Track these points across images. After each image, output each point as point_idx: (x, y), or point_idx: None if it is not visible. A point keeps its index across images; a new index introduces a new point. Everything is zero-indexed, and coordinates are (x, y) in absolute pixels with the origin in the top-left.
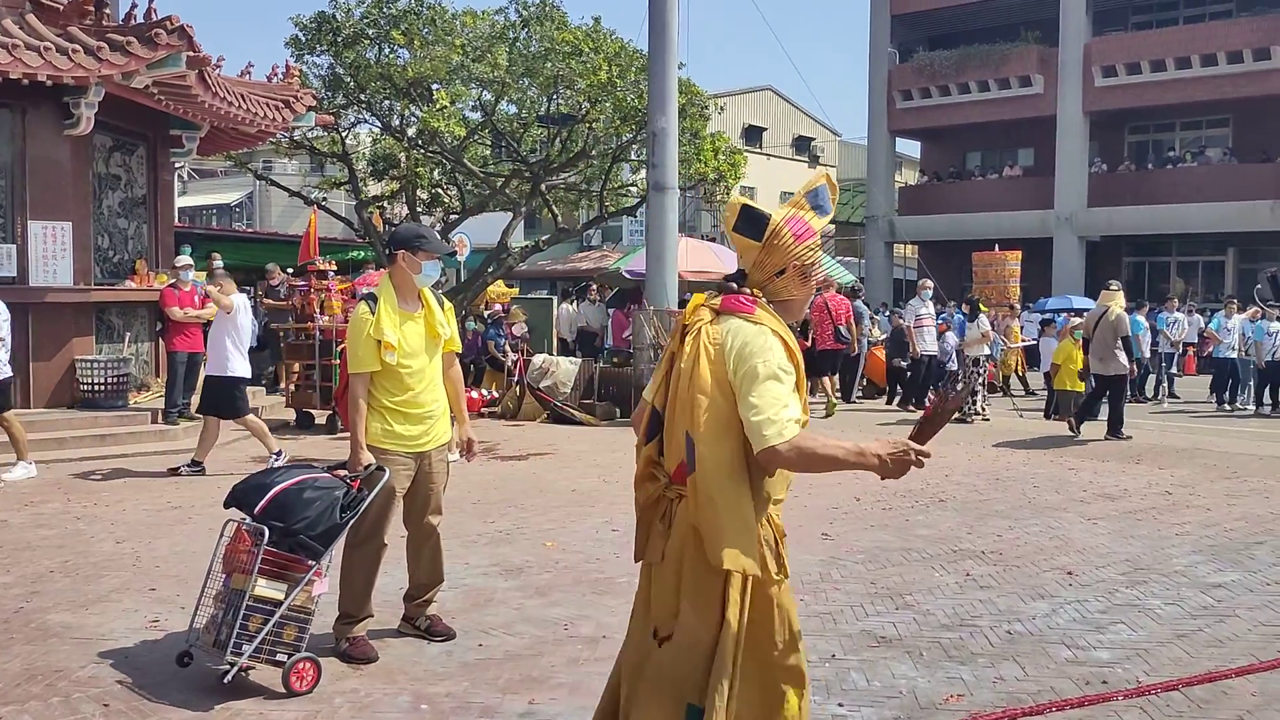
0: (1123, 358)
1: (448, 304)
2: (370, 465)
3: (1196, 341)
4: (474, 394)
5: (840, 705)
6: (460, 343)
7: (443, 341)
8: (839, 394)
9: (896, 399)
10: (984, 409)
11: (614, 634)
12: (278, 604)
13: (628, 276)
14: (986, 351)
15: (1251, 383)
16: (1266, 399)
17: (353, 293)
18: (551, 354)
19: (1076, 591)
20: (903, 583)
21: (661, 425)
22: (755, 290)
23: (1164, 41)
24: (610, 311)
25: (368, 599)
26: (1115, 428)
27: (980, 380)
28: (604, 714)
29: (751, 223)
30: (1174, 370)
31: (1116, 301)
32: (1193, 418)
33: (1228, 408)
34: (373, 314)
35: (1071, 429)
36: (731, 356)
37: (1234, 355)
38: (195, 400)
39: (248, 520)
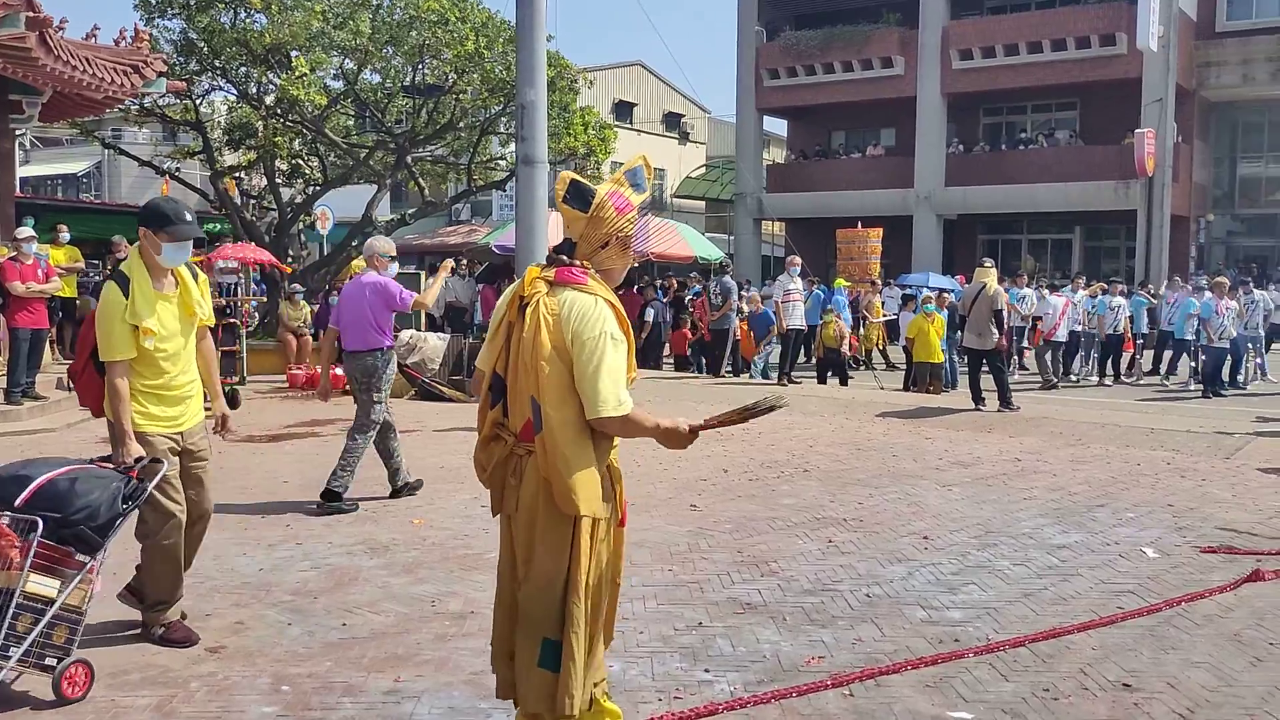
0: (997, 331)
1: (202, 276)
2: (143, 457)
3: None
4: (339, 370)
5: (706, 671)
6: (214, 318)
7: (197, 319)
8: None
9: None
10: None
11: (482, 609)
12: (50, 602)
13: (497, 252)
14: None
15: (1094, 354)
16: (1109, 370)
17: (208, 266)
18: (419, 329)
19: (931, 555)
20: (768, 551)
21: (504, 390)
22: (584, 262)
23: (1017, 26)
24: (480, 287)
25: (179, 583)
26: (1005, 399)
27: None
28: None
29: (579, 196)
30: (1024, 344)
31: (991, 277)
32: (1040, 389)
33: (1073, 378)
34: (126, 297)
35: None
36: (570, 325)
37: (1079, 328)
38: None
39: (5, 514)
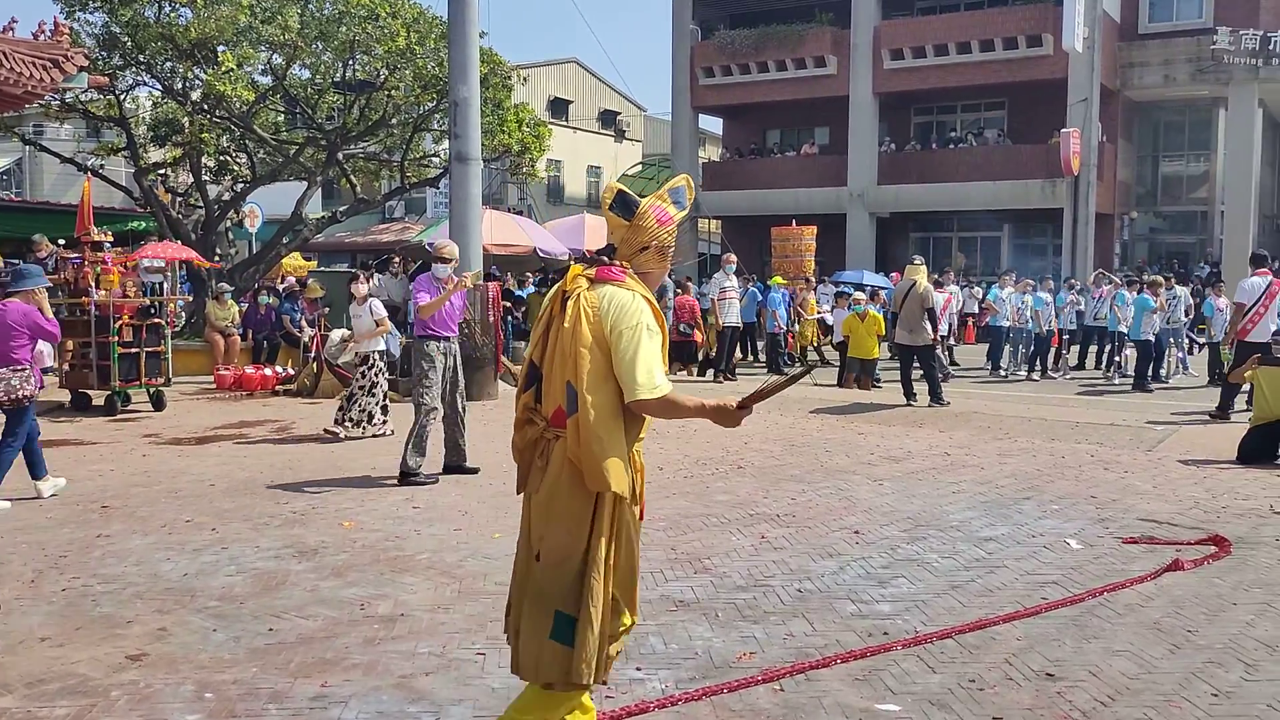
0: (929, 328)
1: None
2: None
3: (976, 312)
4: (268, 371)
5: (638, 669)
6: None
7: None
8: None
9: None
10: (384, 419)
11: (412, 612)
12: None
13: (430, 250)
14: (382, 346)
15: (1021, 349)
16: (1036, 365)
17: (132, 265)
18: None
19: (862, 549)
20: (702, 547)
21: (539, 376)
22: (624, 263)
23: (947, 27)
24: (413, 285)
25: None
26: (935, 394)
27: (381, 384)
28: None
29: (624, 205)
30: (952, 341)
31: (921, 275)
32: (971, 383)
33: (1002, 372)
34: None
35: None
36: (609, 317)
37: (1008, 324)
38: None
39: None
